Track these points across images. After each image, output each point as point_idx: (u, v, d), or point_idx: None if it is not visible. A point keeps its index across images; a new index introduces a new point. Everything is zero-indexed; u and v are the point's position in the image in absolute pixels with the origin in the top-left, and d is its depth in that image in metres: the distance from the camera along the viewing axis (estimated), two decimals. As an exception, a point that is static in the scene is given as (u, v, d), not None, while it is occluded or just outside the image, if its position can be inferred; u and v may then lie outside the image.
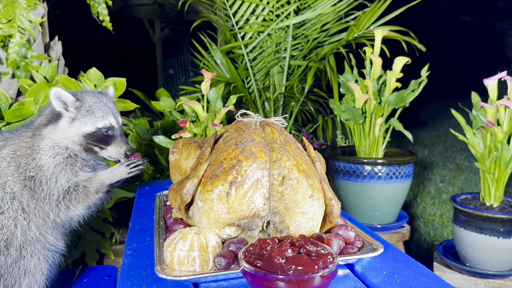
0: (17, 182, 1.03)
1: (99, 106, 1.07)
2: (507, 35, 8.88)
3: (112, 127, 1.08)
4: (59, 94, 1.03)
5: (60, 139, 1.05)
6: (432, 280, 0.76)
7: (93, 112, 1.06)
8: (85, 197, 1.07)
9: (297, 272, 0.64)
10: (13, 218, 1.02)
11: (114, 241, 2.03)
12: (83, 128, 1.05)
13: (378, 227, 2.16)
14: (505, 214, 1.70)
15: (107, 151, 1.09)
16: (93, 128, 1.06)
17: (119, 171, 1.08)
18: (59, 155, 1.05)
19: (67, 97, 1.04)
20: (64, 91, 1.03)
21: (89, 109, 1.06)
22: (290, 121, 2.93)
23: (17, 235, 1.03)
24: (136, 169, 1.08)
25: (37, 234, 1.06)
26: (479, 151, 1.78)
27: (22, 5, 1.65)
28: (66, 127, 1.04)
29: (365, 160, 2.11)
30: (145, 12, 6.78)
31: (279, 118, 0.94)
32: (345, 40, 2.69)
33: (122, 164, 1.08)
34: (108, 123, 1.07)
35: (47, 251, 1.09)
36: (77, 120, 1.05)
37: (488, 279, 1.77)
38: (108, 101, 1.12)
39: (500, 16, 8.82)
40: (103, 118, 1.07)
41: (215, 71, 2.03)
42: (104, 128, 1.07)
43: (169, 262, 0.79)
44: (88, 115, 1.05)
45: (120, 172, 1.07)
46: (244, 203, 0.82)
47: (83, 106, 1.06)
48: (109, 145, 1.08)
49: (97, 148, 1.08)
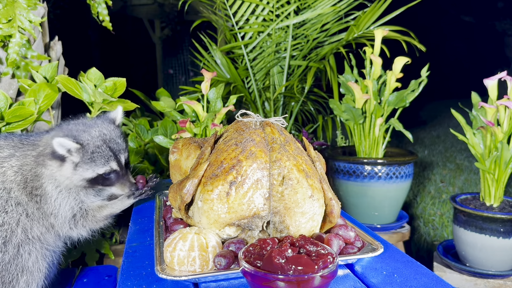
0: (23, 193, 1.04)
1: (101, 152, 1.07)
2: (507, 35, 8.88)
3: (114, 170, 1.09)
4: (62, 143, 1.03)
5: (63, 181, 1.06)
6: (432, 280, 0.76)
7: (94, 160, 1.06)
8: (93, 224, 1.12)
9: (297, 272, 0.64)
10: (16, 219, 1.03)
11: (114, 241, 2.03)
12: (85, 174, 1.06)
13: (378, 227, 2.16)
14: (505, 214, 1.70)
15: (111, 189, 1.12)
16: (94, 174, 1.06)
17: (128, 202, 1.15)
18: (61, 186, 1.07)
19: (71, 145, 1.03)
20: (67, 139, 1.02)
21: (91, 157, 1.05)
22: (290, 121, 2.93)
23: (18, 232, 1.04)
24: (144, 197, 1.16)
25: (38, 234, 1.07)
26: (479, 151, 1.78)
27: (22, 5, 1.65)
28: (69, 173, 1.05)
29: (365, 160, 2.11)
30: (145, 12, 6.78)
31: (279, 118, 0.94)
32: (345, 40, 2.69)
33: (131, 197, 1.14)
34: (109, 169, 1.07)
35: (45, 251, 1.09)
36: (80, 166, 1.05)
37: (488, 279, 1.77)
38: (113, 138, 1.10)
39: (500, 16, 8.82)
40: (104, 165, 1.06)
41: (215, 71, 2.03)
42: (105, 173, 1.08)
43: (169, 262, 0.79)
44: (90, 162, 1.05)
45: (128, 203, 1.15)
46: (244, 203, 0.82)
47: (85, 153, 1.05)
48: (113, 186, 1.11)
49: (100, 187, 1.11)
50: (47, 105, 1.48)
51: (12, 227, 1.03)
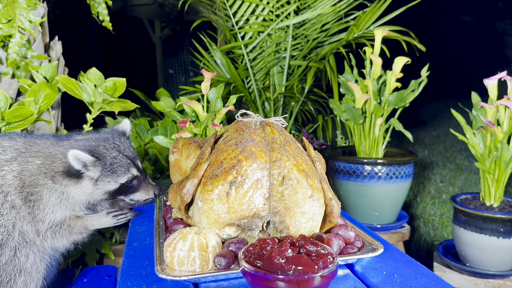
0: (18, 197, 1.03)
1: (119, 162, 1.05)
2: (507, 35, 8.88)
3: (136, 176, 1.08)
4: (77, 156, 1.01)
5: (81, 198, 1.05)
6: (432, 280, 0.76)
7: (115, 171, 1.04)
8: (69, 234, 1.08)
9: (297, 272, 0.64)
10: (12, 222, 1.03)
11: (114, 241, 2.03)
12: (107, 187, 1.04)
13: (378, 227, 2.16)
14: (505, 214, 1.70)
15: (135, 196, 1.10)
16: (117, 185, 1.05)
17: (105, 220, 1.10)
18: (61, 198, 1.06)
19: (86, 158, 1.01)
20: (82, 152, 1.01)
21: (110, 168, 1.04)
22: (290, 121, 2.93)
23: (15, 235, 1.03)
24: (124, 220, 1.11)
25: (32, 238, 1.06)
26: (479, 151, 1.78)
27: (22, 5, 1.65)
28: (90, 190, 1.04)
29: (365, 160, 2.11)
30: (145, 12, 6.78)
31: (279, 118, 0.94)
32: (345, 40, 2.69)
33: (110, 214, 1.10)
34: (131, 176, 1.06)
35: (43, 254, 1.09)
36: (100, 180, 1.04)
37: (488, 279, 1.77)
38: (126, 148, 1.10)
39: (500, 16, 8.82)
40: (125, 173, 1.06)
41: (215, 71, 2.03)
42: (128, 181, 1.06)
43: (169, 262, 0.79)
44: (110, 174, 1.04)
45: (106, 221, 1.10)
46: (244, 203, 0.82)
47: (104, 165, 1.04)
48: (136, 192, 1.09)
49: (122, 197, 1.09)
50: (47, 105, 1.47)
51: (8, 230, 1.03)
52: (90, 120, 1.49)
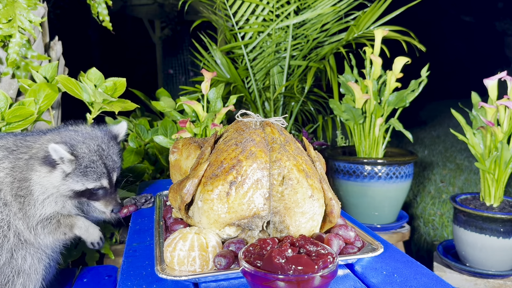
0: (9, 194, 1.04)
1: (94, 168, 1.04)
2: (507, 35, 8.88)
3: (104, 187, 1.07)
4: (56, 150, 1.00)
5: (49, 187, 1.04)
6: (432, 280, 0.76)
7: (86, 175, 1.04)
8: (54, 230, 1.07)
9: (297, 272, 0.64)
10: (6, 221, 1.03)
11: (114, 241, 2.03)
12: (74, 186, 1.04)
13: (378, 227, 2.16)
14: (505, 214, 1.70)
15: (95, 204, 1.10)
16: (83, 188, 1.05)
17: (93, 232, 1.10)
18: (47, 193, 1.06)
19: (64, 155, 1.01)
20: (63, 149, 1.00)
21: (83, 171, 1.03)
22: (290, 121, 2.93)
23: (10, 237, 1.03)
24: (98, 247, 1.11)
25: (31, 238, 1.06)
26: (479, 151, 1.78)
27: (22, 5, 1.65)
28: (57, 182, 1.03)
29: (365, 160, 2.11)
30: (145, 12, 6.78)
31: (279, 118, 0.94)
32: (345, 40, 2.69)
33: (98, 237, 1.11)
34: (99, 185, 1.06)
35: (41, 254, 1.09)
36: (70, 177, 1.03)
37: (488, 279, 1.77)
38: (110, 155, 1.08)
39: (500, 16, 8.82)
40: (95, 180, 1.05)
41: (215, 71, 2.03)
42: (94, 189, 1.06)
43: (169, 262, 0.79)
44: (81, 176, 1.03)
45: (93, 234, 1.11)
46: (244, 203, 0.82)
47: (79, 165, 1.03)
48: (98, 201, 1.09)
49: (85, 199, 1.09)
50: (47, 105, 1.47)
51: (4, 230, 1.03)
52: (90, 120, 1.49)
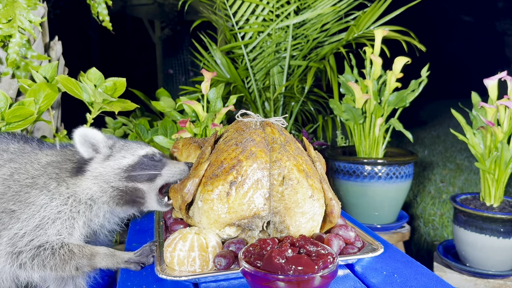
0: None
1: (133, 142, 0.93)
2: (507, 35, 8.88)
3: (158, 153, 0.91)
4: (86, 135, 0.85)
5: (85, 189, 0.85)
6: (432, 280, 0.76)
7: (130, 145, 0.89)
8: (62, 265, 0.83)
9: (297, 272, 0.64)
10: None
11: (114, 241, 2.03)
12: (122, 162, 0.86)
13: (378, 227, 2.16)
14: (505, 214, 1.70)
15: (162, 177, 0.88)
16: (135, 158, 0.87)
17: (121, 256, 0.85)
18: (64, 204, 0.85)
19: (96, 137, 0.86)
20: (91, 130, 0.85)
21: (124, 144, 0.90)
22: (290, 121, 2.93)
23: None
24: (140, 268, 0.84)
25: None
26: (479, 151, 1.78)
27: (22, 5, 1.64)
28: (97, 169, 0.85)
29: (365, 160, 2.11)
30: (145, 12, 6.79)
31: (279, 118, 0.94)
32: (345, 40, 2.69)
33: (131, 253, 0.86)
34: (151, 151, 0.90)
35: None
36: (113, 156, 0.87)
37: (488, 279, 1.77)
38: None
39: (500, 16, 8.82)
40: (142, 147, 0.90)
41: (215, 71, 2.03)
42: (149, 155, 0.89)
43: (169, 262, 0.79)
44: (125, 148, 0.88)
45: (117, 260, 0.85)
46: (244, 203, 0.82)
47: (116, 143, 0.90)
48: (162, 169, 0.88)
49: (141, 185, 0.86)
50: (47, 105, 1.47)
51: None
52: (90, 120, 1.49)
